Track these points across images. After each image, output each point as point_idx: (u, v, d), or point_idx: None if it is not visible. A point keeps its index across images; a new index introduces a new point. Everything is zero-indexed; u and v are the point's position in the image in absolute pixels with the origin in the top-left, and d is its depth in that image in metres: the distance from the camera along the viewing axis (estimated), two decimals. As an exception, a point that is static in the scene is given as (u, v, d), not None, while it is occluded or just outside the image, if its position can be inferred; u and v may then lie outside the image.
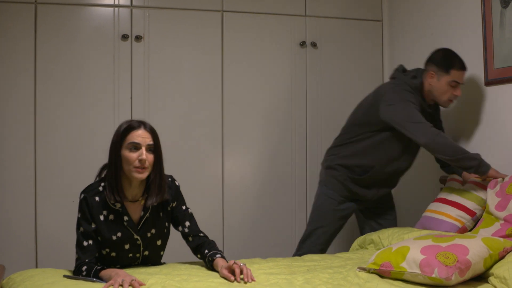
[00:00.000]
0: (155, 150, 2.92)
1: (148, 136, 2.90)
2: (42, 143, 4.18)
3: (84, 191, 2.94)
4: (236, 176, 4.59)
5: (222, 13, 4.52)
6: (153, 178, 2.94)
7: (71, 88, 4.24)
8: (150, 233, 3.00)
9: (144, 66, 4.35)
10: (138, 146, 2.86)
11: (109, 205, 2.92)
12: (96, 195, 2.91)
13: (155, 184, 2.95)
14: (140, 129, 2.89)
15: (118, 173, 2.90)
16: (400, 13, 4.72)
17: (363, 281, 2.71)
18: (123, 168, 2.89)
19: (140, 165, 2.86)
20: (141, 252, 3.02)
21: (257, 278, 2.77)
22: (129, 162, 2.86)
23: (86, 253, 2.84)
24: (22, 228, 4.15)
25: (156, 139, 2.93)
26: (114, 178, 2.90)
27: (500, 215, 3.24)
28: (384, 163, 3.84)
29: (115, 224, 2.93)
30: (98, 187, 2.94)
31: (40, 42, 4.16)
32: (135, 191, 2.96)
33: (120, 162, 2.89)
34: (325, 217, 3.95)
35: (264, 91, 4.62)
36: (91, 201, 2.89)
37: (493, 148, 3.76)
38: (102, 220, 2.90)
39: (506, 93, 3.65)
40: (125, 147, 2.88)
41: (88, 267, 2.78)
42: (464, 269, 2.61)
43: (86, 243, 2.85)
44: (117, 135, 2.90)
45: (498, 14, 3.65)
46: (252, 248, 4.50)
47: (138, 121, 2.94)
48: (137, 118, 3.03)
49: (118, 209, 2.93)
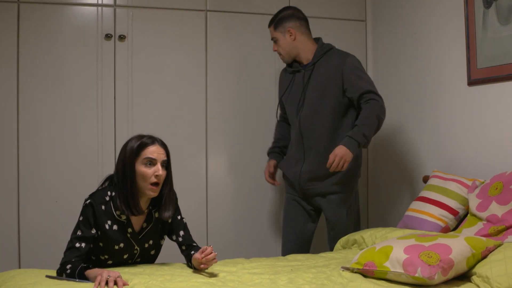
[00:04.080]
0: (168, 165, 2.99)
1: (163, 152, 2.95)
2: (25, 142, 4.15)
3: (91, 197, 2.95)
4: (220, 176, 4.59)
5: (206, 13, 4.52)
6: (166, 192, 3.01)
7: (54, 87, 4.21)
8: (147, 244, 3.05)
9: (127, 66, 4.33)
10: (154, 161, 2.91)
11: (114, 215, 2.94)
12: (102, 204, 2.93)
13: (169, 198, 3.01)
14: (155, 145, 2.94)
15: (134, 188, 2.92)
16: (384, 13, 4.74)
17: (347, 281, 2.71)
18: (137, 183, 2.92)
19: (156, 181, 2.90)
20: (134, 259, 3.06)
21: (241, 278, 2.78)
22: (145, 178, 2.90)
23: (74, 253, 2.84)
24: (5, 228, 4.12)
25: (169, 155, 2.99)
26: (131, 193, 2.91)
27: (482, 215, 3.25)
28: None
29: (119, 234, 2.96)
30: (105, 196, 2.95)
31: (23, 41, 4.13)
32: (143, 204, 3.00)
33: (134, 176, 2.91)
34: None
35: (248, 91, 4.61)
36: (97, 209, 2.91)
37: (475, 148, 3.78)
38: (107, 228, 2.92)
39: (489, 93, 3.67)
40: (140, 162, 2.91)
41: (73, 265, 2.78)
42: (447, 268, 2.62)
43: (78, 244, 2.85)
44: (131, 151, 2.93)
45: (481, 14, 3.67)
46: (235, 248, 4.50)
47: (150, 136, 2.98)
48: (148, 134, 3.02)
49: (123, 220, 2.96)
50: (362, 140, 3.71)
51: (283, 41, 4.00)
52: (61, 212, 4.13)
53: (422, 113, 4.26)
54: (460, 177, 3.63)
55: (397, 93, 4.54)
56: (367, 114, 3.74)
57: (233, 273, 2.88)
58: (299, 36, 4.00)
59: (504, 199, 3.18)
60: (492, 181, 3.34)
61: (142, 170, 2.89)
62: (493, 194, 3.26)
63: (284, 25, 3.98)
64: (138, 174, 2.90)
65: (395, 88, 4.57)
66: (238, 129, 4.60)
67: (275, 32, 4.01)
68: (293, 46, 4.00)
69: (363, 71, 3.91)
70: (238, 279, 2.77)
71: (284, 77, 4.17)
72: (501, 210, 3.17)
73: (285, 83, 4.13)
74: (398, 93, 4.53)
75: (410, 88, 4.40)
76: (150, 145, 2.92)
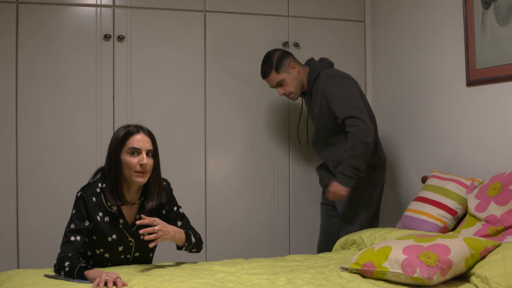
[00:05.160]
0: (154, 154, 3.00)
1: (147, 141, 2.96)
2: (24, 142, 4.15)
3: (82, 189, 2.98)
4: (219, 176, 4.59)
5: (204, 13, 4.51)
6: (152, 181, 3.01)
7: (53, 88, 4.21)
8: (143, 235, 3.02)
9: (126, 66, 4.33)
10: (139, 151, 2.93)
11: (105, 207, 2.96)
12: (93, 196, 2.95)
13: (155, 187, 3.02)
14: (140, 134, 2.96)
15: (118, 178, 2.94)
16: (383, 14, 4.74)
17: (346, 281, 2.71)
18: (124, 173, 2.94)
19: (141, 170, 2.91)
20: (132, 253, 3.07)
21: (240, 278, 2.77)
22: (130, 167, 2.92)
23: (70, 247, 2.86)
24: (4, 228, 4.12)
25: (154, 144, 3.01)
26: (115, 182, 2.94)
27: (480, 216, 3.25)
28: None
29: (111, 226, 2.97)
30: (95, 188, 2.98)
31: (21, 42, 4.13)
32: (133, 194, 3.02)
33: (120, 166, 2.94)
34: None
35: (247, 91, 4.61)
36: (88, 200, 2.93)
37: (474, 148, 3.78)
38: (99, 220, 2.94)
39: (488, 93, 3.67)
40: (125, 152, 2.93)
41: (71, 263, 2.78)
42: (445, 268, 2.62)
43: (73, 238, 2.88)
44: (116, 140, 2.95)
45: (480, 15, 3.68)
46: (234, 249, 4.50)
47: (136, 125, 2.99)
48: (134, 123, 3.06)
49: (114, 211, 2.97)
50: (354, 173, 3.79)
51: (290, 79, 4.10)
52: (59, 213, 4.12)
53: (421, 114, 4.26)
54: (458, 177, 3.63)
55: (396, 94, 4.54)
56: (352, 144, 3.79)
57: (232, 273, 2.88)
58: (299, 68, 4.13)
59: (503, 200, 3.17)
60: (491, 182, 3.34)
61: (127, 159, 2.92)
62: (491, 195, 3.26)
63: (285, 64, 4.09)
64: (123, 163, 2.93)
65: (394, 88, 4.57)
66: (237, 130, 4.60)
67: (279, 75, 4.09)
68: (299, 79, 4.12)
69: (342, 93, 3.92)
70: (237, 279, 2.77)
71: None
72: (499, 210, 3.17)
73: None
74: (397, 94, 4.53)
75: (409, 88, 4.40)
76: (135, 134, 2.94)
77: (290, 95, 4.15)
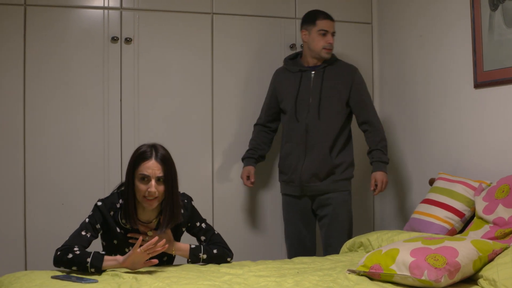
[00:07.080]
0: (166, 180, 2.98)
1: (158, 168, 2.95)
2: (31, 144, 4.16)
3: (102, 200, 3.03)
4: (226, 177, 4.58)
5: (212, 16, 4.52)
6: (164, 206, 3.01)
7: (60, 90, 4.22)
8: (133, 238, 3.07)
9: (133, 68, 4.34)
10: (148, 178, 2.94)
11: (119, 223, 3.02)
12: (112, 210, 3.00)
13: (166, 212, 3.01)
14: (151, 161, 2.96)
15: (131, 199, 2.98)
16: (390, 16, 4.73)
17: (353, 284, 2.71)
18: (136, 195, 2.98)
19: (149, 196, 2.94)
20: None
21: (247, 280, 2.77)
22: (139, 192, 2.95)
23: (77, 238, 2.92)
24: (11, 230, 4.13)
25: (167, 169, 2.98)
26: (127, 204, 2.99)
27: (488, 218, 3.24)
28: None
29: (125, 241, 3.03)
30: (116, 203, 3.02)
31: (29, 44, 4.15)
32: (148, 214, 3.05)
33: (133, 189, 2.97)
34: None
35: (255, 93, 4.60)
36: (105, 213, 2.99)
37: (482, 150, 3.77)
38: (118, 231, 3.02)
39: (496, 95, 3.66)
40: (136, 177, 2.96)
41: (80, 248, 2.86)
42: (453, 271, 2.62)
43: (84, 233, 2.94)
44: (130, 163, 2.99)
45: (487, 16, 3.67)
46: (242, 251, 4.47)
47: (151, 147, 3.00)
48: (149, 142, 3.08)
49: (128, 227, 3.02)
50: (387, 160, 4.10)
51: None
52: (67, 215, 4.13)
53: (428, 116, 4.25)
54: (466, 179, 3.62)
55: (403, 96, 4.53)
56: (382, 136, 4.12)
57: (239, 275, 2.88)
58: None
59: (511, 202, 3.17)
60: (499, 184, 3.33)
61: (137, 185, 2.95)
62: (499, 197, 3.25)
63: None
64: (136, 187, 2.96)
65: (401, 90, 4.57)
66: (245, 131, 4.58)
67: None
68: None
69: (367, 93, 4.23)
70: (244, 281, 2.76)
71: (286, 77, 4.26)
72: (507, 213, 3.16)
73: (288, 83, 4.22)
74: (404, 96, 4.53)
75: (416, 90, 4.39)
76: (147, 160, 2.95)
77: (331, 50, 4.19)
